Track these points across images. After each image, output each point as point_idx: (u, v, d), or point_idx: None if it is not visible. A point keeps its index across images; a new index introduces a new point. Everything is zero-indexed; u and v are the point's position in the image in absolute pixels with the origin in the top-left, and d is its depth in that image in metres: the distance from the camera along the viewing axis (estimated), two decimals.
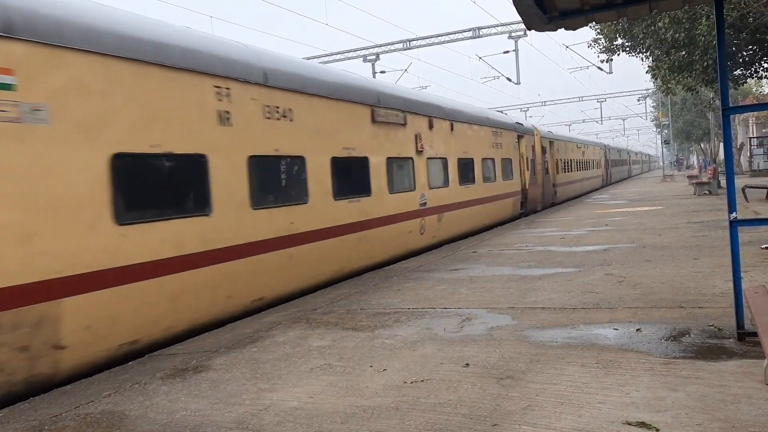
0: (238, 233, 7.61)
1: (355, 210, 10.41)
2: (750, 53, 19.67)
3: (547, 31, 5.45)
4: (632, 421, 3.62)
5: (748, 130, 49.67)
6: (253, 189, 7.91)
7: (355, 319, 6.97)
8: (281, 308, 8.01)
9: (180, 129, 6.84)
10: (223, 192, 7.41)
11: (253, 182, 7.93)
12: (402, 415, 4.00)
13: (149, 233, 6.35)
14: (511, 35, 30.50)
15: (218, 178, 7.34)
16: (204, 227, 7.09)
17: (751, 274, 7.51)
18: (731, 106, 5.35)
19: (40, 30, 5.42)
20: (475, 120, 16.91)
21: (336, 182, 9.80)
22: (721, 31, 5.16)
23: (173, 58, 6.80)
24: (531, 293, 7.65)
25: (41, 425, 4.34)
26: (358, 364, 5.20)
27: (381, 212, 11.30)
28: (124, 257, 6.04)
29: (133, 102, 6.28)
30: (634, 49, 20.49)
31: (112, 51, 6.08)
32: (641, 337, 5.37)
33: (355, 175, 10.57)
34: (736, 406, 3.73)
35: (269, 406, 4.36)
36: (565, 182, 30.19)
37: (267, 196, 8.23)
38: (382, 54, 34.01)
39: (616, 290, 7.43)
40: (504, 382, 4.49)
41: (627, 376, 4.42)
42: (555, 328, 5.89)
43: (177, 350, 6.25)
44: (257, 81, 8.07)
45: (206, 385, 4.97)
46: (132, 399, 4.76)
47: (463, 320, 6.50)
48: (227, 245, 7.40)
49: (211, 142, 7.26)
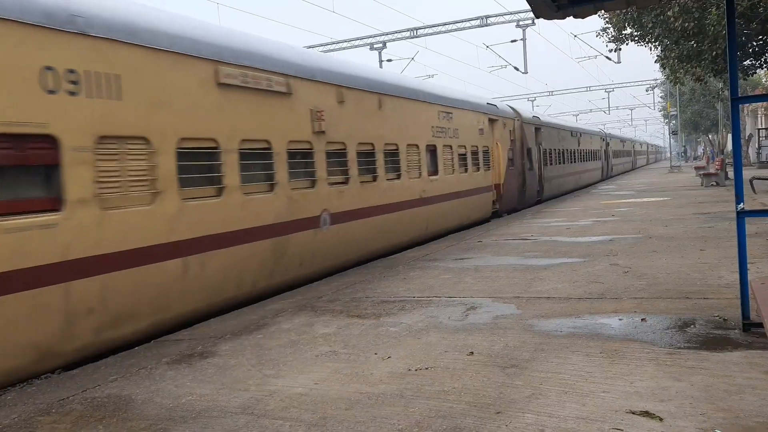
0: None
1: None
2: (760, 43, 19.49)
3: (556, 19, 5.41)
4: (636, 411, 3.62)
5: (757, 121, 49.34)
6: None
7: (361, 307, 6.99)
8: (286, 296, 8.04)
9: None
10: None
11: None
12: (406, 402, 4.02)
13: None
14: (519, 24, 30.32)
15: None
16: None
17: (758, 266, 7.49)
18: (740, 96, 5.32)
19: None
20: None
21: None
22: (731, 20, 5.12)
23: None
24: (536, 283, 7.65)
25: (48, 408, 4.38)
26: (363, 352, 5.22)
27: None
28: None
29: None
30: (642, 39, 20.32)
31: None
32: (646, 327, 5.37)
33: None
34: (740, 396, 3.73)
35: (274, 391, 4.39)
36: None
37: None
38: (388, 42, 33.89)
39: (622, 281, 7.42)
40: (508, 370, 4.51)
41: (631, 365, 4.42)
42: (560, 318, 5.89)
43: (183, 336, 6.29)
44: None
45: (212, 370, 5.00)
46: (138, 383, 4.79)
47: (468, 309, 6.51)
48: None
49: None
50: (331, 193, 9.72)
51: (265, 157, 8.32)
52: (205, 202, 7.21)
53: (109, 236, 5.96)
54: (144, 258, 6.34)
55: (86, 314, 5.72)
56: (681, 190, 23.56)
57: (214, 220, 7.29)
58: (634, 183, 32.47)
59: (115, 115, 6.12)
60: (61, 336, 5.51)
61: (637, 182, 33.15)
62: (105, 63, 6.04)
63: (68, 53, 5.68)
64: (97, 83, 5.94)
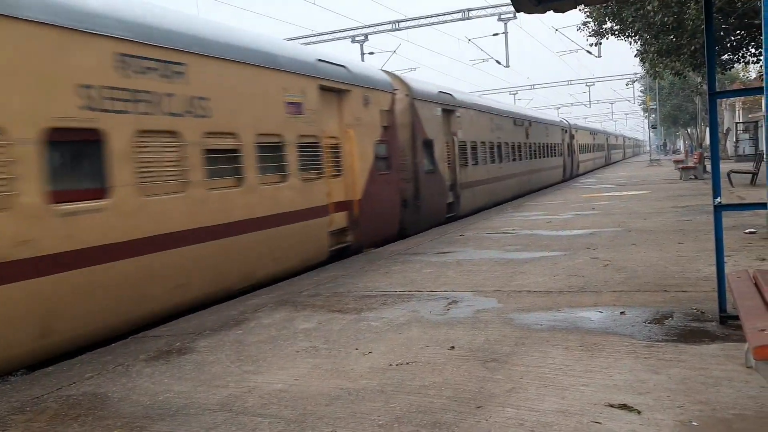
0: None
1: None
2: (738, 38, 19.70)
3: (536, 13, 5.40)
4: (614, 403, 3.64)
5: (735, 115, 49.93)
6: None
7: (342, 301, 6.96)
8: (267, 290, 7.99)
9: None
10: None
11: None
12: (387, 398, 4.01)
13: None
14: (501, 17, 30.37)
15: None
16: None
17: (735, 259, 7.57)
18: (718, 90, 5.35)
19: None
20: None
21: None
22: (709, 14, 5.14)
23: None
24: (517, 277, 7.67)
25: (23, 406, 4.31)
26: (344, 347, 5.19)
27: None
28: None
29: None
30: (623, 33, 20.46)
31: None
32: (625, 321, 5.40)
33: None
34: (717, 388, 3.77)
35: (254, 388, 4.35)
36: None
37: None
38: (370, 35, 33.77)
39: (601, 274, 7.47)
40: (489, 364, 4.51)
41: (610, 358, 4.44)
42: (540, 312, 5.92)
43: (161, 332, 6.22)
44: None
45: (190, 367, 4.95)
46: (115, 381, 4.73)
47: (450, 303, 6.51)
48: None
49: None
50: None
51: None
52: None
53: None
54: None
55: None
56: (660, 184, 23.79)
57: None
58: (614, 176, 32.73)
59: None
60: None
61: (617, 175, 33.42)
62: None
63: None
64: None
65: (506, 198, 21.78)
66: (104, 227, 6.32)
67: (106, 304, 6.28)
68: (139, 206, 6.78)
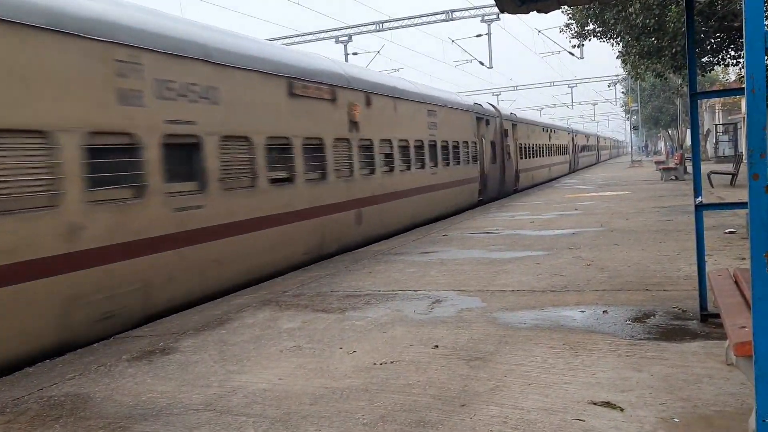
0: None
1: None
2: (717, 40, 19.93)
3: (520, 13, 5.43)
4: (597, 401, 3.67)
5: (715, 116, 50.55)
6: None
7: (326, 301, 6.95)
8: (250, 290, 7.95)
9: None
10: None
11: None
12: (371, 397, 4.01)
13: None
14: (484, 18, 30.53)
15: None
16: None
17: (715, 258, 7.67)
18: (699, 91, 5.42)
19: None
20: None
21: None
22: (690, 17, 5.21)
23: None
24: (500, 276, 7.70)
25: (3, 408, 4.25)
26: (328, 346, 5.19)
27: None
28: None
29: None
30: (605, 35, 20.61)
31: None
32: (607, 319, 5.45)
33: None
34: (698, 386, 3.81)
35: (238, 388, 4.33)
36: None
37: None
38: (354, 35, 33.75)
39: (584, 273, 7.52)
40: (473, 363, 4.53)
41: (593, 357, 4.48)
42: (524, 310, 5.95)
43: (144, 332, 6.17)
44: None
45: (173, 367, 4.91)
46: (97, 381, 4.68)
47: (433, 302, 6.52)
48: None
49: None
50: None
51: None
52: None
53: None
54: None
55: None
56: (642, 184, 24.01)
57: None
58: (596, 177, 32.98)
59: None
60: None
61: (598, 176, 33.68)
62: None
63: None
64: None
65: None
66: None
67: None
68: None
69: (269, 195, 9.04)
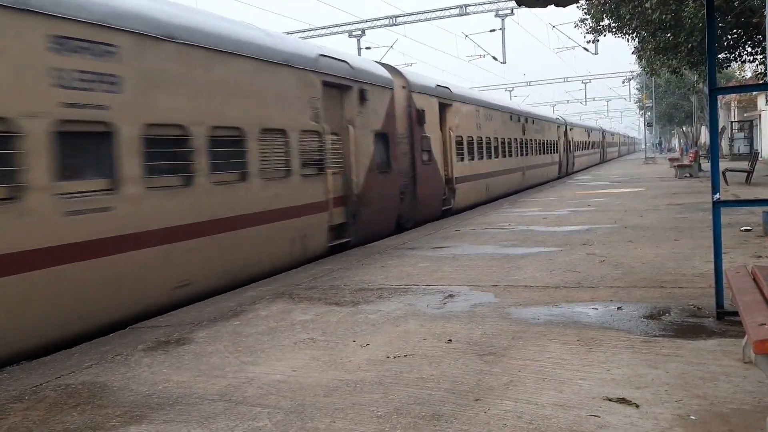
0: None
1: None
2: (734, 37, 19.75)
3: (538, 7, 5.41)
4: (612, 397, 3.66)
5: (730, 113, 50.10)
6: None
7: (339, 294, 6.97)
8: (264, 283, 7.99)
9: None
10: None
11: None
12: (385, 389, 4.02)
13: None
14: (498, 13, 30.40)
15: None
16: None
17: (731, 256, 7.60)
18: (718, 87, 5.36)
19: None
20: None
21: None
22: (710, 11, 5.15)
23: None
24: (514, 272, 7.69)
25: (21, 395, 4.30)
26: (342, 339, 5.20)
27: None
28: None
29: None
30: (620, 30, 20.49)
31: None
32: (622, 316, 5.43)
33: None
34: (715, 383, 3.79)
35: (252, 378, 4.36)
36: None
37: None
38: (368, 30, 33.72)
39: (598, 270, 7.49)
40: (486, 358, 4.52)
41: (608, 353, 4.46)
42: (537, 306, 5.93)
43: (159, 323, 6.22)
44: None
45: (189, 357, 4.95)
46: (114, 370, 4.73)
47: (446, 297, 6.52)
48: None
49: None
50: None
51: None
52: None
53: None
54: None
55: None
56: (656, 181, 23.86)
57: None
58: (610, 174, 32.79)
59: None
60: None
61: (612, 173, 33.49)
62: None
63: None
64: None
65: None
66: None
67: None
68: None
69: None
